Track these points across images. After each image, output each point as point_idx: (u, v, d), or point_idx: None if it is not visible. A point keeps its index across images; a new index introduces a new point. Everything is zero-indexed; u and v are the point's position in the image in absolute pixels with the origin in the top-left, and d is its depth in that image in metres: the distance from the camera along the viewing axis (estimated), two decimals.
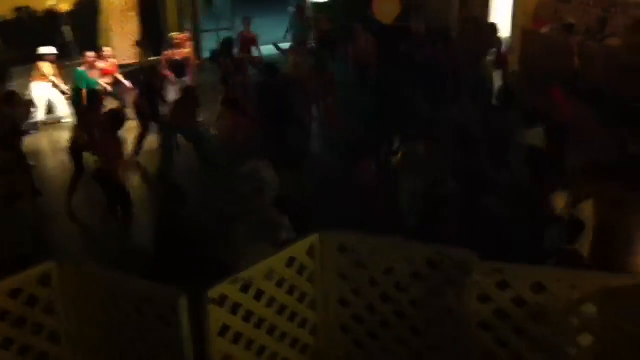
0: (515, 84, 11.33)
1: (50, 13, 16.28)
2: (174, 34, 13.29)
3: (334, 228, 4.26)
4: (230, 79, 10.83)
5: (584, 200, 5.25)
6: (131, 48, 15.42)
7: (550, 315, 3.69)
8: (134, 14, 15.96)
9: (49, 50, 12.18)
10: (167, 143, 9.96)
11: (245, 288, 3.88)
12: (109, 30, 15.81)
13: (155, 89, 10.84)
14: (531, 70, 12.53)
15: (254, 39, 13.85)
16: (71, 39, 15.44)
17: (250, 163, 7.17)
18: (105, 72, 12.30)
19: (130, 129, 8.98)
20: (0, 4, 15.51)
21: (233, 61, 11.93)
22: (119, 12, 15.91)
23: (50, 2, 16.19)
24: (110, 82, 12.29)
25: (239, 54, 13.18)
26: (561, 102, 8.40)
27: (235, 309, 3.86)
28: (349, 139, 8.39)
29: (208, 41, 17.65)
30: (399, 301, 4.08)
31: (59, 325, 4.22)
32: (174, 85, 11.89)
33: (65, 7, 15.95)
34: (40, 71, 12.09)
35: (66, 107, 12.29)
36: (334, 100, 10.63)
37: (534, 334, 3.77)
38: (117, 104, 11.84)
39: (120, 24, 15.90)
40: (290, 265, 4.07)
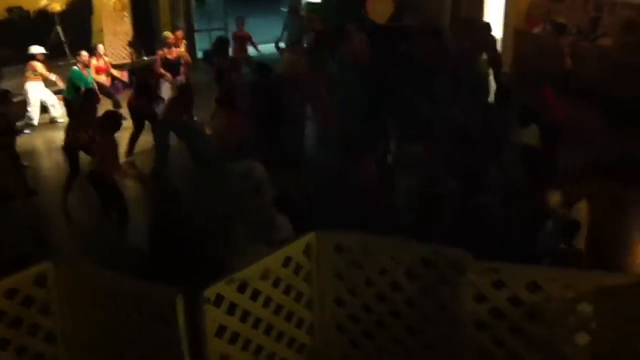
0: (509, 84, 11.35)
1: (43, 13, 16.22)
2: (167, 32, 13.25)
3: (332, 227, 4.26)
4: (224, 77, 10.79)
5: (579, 200, 5.28)
6: (124, 48, 15.36)
7: (546, 314, 3.72)
8: (126, 14, 15.89)
9: (39, 49, 12.12)
10: (162, 142, 9.93)
11: (242, 288, 3.88)
12: (102, 31, 15.75)
13: (151, 88, 10.81)
14: (523, 70, 12.55)
15: (248, 37, 13.85)
16: (64, 39, 15.38)
17: (244, 162, 7.19)
18: (99, 70, 12.29)
19: (124, 129, 8.92)
20: None
21: (227, 60, 11.92)
22: (112, 12, 15.84)
23: (43, 3, 16.11)
24: (104, 80, 12.27)
25: (233, 53, 13.17)
26: (553, 102, 8.42)
27: (231, 309, 3.86)
28: (346, 139, 8.36)
29: (201, 41, 17.61)
30: (394, 301, 4.10)
31: (55, 325, 4.21)
32: (170, 84, 11.86)
33: (57, 8, 15.87)
34: (34, 71, 12.04)
35: (60, 108, 12.24)
36: (331, 100, 10.61)
37: (530, 333, 3.79)
38: (111, 103, 11.83)
39: (112, 24, 15.82)
40: (286, 264, 4.08)
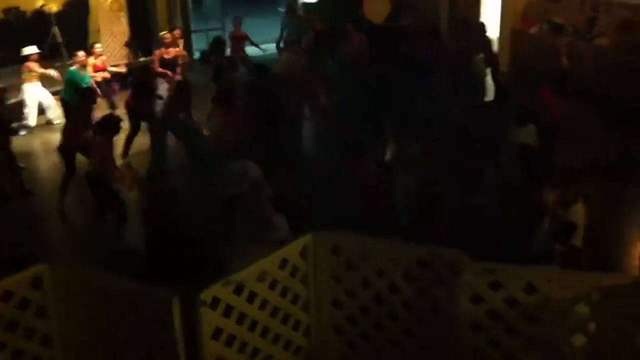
0: (507, 84, 11.35)
1: (39, 14, 16.17)
2: (164, 32, 13.22)
3: (331, 228, 4.25)
4: (222, 76, 10.78)
5: (576, 200, 5.28)
6: (121, 49, 15.33)
7: (543, 315, 3.71)
8: (123, 14, 15.84)
9: (32, 50, 12.07)
10: (159, 142, 9.90)
11: (238, 290, 3.87)
12: (99, 31, 15.71)
13: (149, 88, 10.78)
14: (520, 70, 12.56)
15: (245, 37, 13.84)
16: (60, 40, 15.35)
17: (238, 162, 7.18)
18: (96, 69, 12.25)
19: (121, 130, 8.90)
20: None
21: (225, 58, 11.91)
22: (108, 13, 15.78)
23: (39, 3, 16.07)
24: (101, 79, 12.23)
25: (231, 53, 13.15)
26: (550, 102, 8.43)
27: (228, 312, 3.85)
28: (345, 138, 8.33)
29: (198, 42, 17.59)
30: (391, 302, 4.09)
31: (51, 328, 4.19)
32: (168, 83, 11.81)
33: (54, 8, 15.83)
34: (31, 71, 11.98)
35: (56, 109, 12.20)
36: (330, 100, 10.60)
37: (526, 334, 3.79)
38: (107, 104, 11.81)
39: (109, 24, 15.77)
40: (283, 266, 4.06)
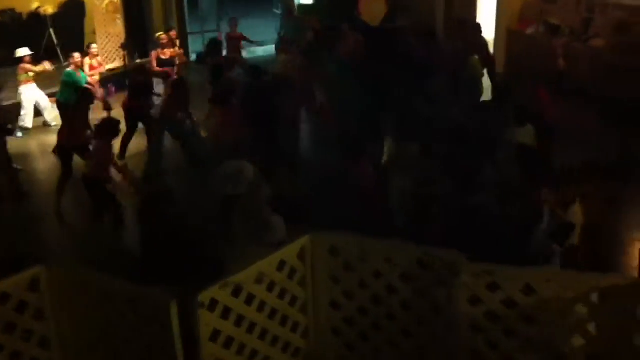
0: (506, 83, 11.35)
1: (35, 16, 16.15)
2: (160, 33, 13.21)
3: (329, 228, 4.25)
4: (219, 75, 10.78)
5: (575, 201, 5.29)
6: (117, 50, 15.32)
7: (541, 316, 3.72)
8: (119, 16, 15.84)
9: (25, 52, 12.04)
10: (157, 142, 9.88)
11: (236, 292, 3.86)
12: (94, 33, 15.70)
13: (146, 89, 10.77)
14: (516, 71, 12.58)
15: (241, 37, 13.85)
16: (56, 42, 15.34)
17: (233, 163, 7.17)
18: (93, 69, 12.24)
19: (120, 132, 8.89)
20: None
21: (222, 58, 11.91)
22: (104, 15, 15.77)
23: (35, 5, 16.04)
24: (98, 80, 12.22)
25: (227, 54, 13.14)
26: (547, 102, 8.44)
27: (226, 314, 3.85)
28: (344, 139, 8.31)
29: (194, 44, 17.58)
30: (389, 303, 4.09)
31: (49, 330, 4.18)
32: (166, 82, 11.76)
33: (49, 10, 15.82)
34: (26, 72, 11.95)
35: (52, 111, 12.18)
36: (328, 100, 10.59)
37: (524, 335, 3.79)
38: (102, 105, 11.79)
39: (105, 26, 15.76)
40: (280, 268, 4.06)
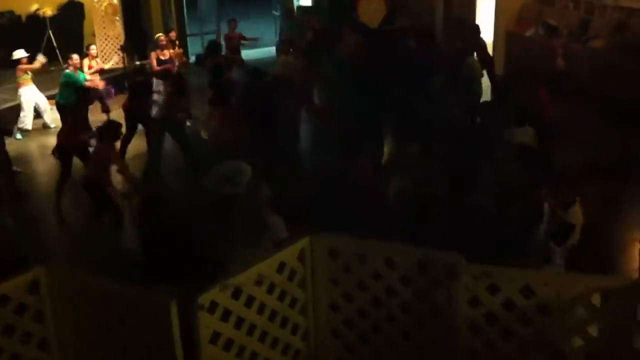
0: (506, 83, 11.37)
1: (34, 18, 16.16)
2: (159, 35, 13.20)
3: (329, 228, 4.24)
4: (219, 75, 10.77)
5: (575, 201, 5.29)
6: (116, 52, 15.33)
7: (541, 318, 3.72)
8: (118, 18, 15.85)
9: (22, 54, 12.03)
10: (157, 142, 9.86)
11: (236, 294, 3.86)
12: (94, 35, 15.71)
13: (146, 89, 10.76)
14: (515, 72, 12.59)
15: (240, 37, 13.85)
16: (55, 44, 15.35)
17: (231, 163, 7.17)
18: (92, 70, 12.22)
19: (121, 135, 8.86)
20: None
21: (221, 58, 11.91)
22: (103, 17, 15.79)
23: (34, 7, 16.05)
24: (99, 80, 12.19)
25: (227, 55, 13.13)
26: (546, 102, 8.44)
27: (225, 316, 3.84)
28: (342, 139, 8.30)
29: (193, 45, 17.59)
30: (388, 305, 4.09)
31: (49, 332, 4.18)
32: (166, 79, 11.71)
33: (49, 12, 15.82)
34: (25, 72, 11.92)
35: (52, 113, 12.17)
36: (328, 100, 10.60)
37: (524, 336, 3.79)
38: (101, 107, 11.78)
39: (104, 28, 15.79)
40: (280, 270, 4.06)
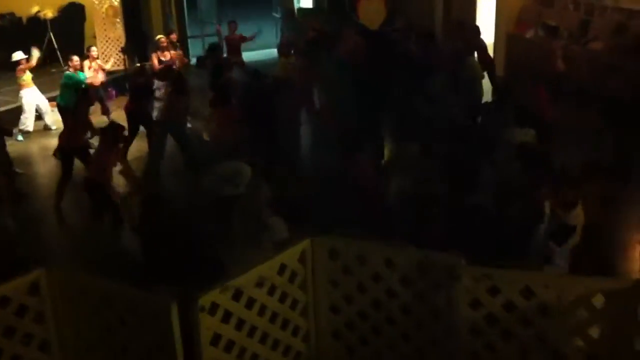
0: (507, 84, 11.38)
1: (35, 20, 16.18)
2: (160, 36, 13.22)
3: (329, 229, 4.24)
4: (219, 74, 10.77)
5: (577, 202, 5.29)
6: (117, 55, 15.35)
7: (541, 319, 3.72)
8: (118, 20, 15.87)
9: (21, 55, 12.03)
10: (158, 144, 9.87)
11: (237, 296, 3.86)
12: (94, 37, 15.74)
13: (147, 90, 10.77)
14: (516, 74, 12.59)
15: (240, 38, 13.86)
16: (56, 46, 15.37)
17: (231, 164, 7.17)
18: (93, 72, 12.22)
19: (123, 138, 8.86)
20: None
21: (221, 59, 11.93)
22: (104, 19, 15.81)
23: (35, 9, 16.06)
24: (99, 83, 12.20)
25: (227, 56, 13.14)
26: (546, 102, 8.45)
27: (226, 317, 3.84)
28: (342, 139, 8.28)
29: (193, 47, 17.60)
30: (389, 307, 4.09)
31: (49, 333, 4.18)
32: (167, 81, 11.71)
33: (49, 14, 15.84)
34: (25, 71, 11.92)
35: (53, 115, 12.18)
36: (327, 100, 10.59)
37: (524, 338, 3.80)
38: (101, 109, 11.78)
39: (105, 30, 15.83)
40: (281, 272, 4.06)
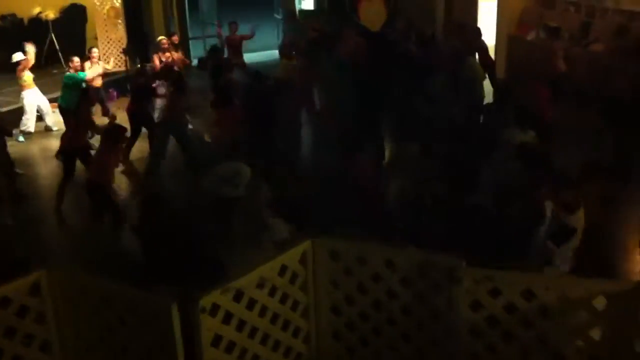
0: (507, 85, 11.38)
1: (37, 21, 16.20)
2: (162, 37, 13.24)
3: (329, 229, 4.24)
4: (219, 74, 10.78)
5: (580, 206, 5.29)
6: (118, 56, 15.37)
7: (542, 321, 3.73)
8: (120, 21, 15.90)
9: (20, 56, 12.04)
10: (160, 145, 9.88)
11: (238, 297, 3.86)
12: (96, 38, 15.76)
13: (148, 91, 10.78)
14: (518, 76, 12.60)
15: (240, 38, 13.87)
16: (57, 47, 15.39)
17: (230, 164, 7.17)
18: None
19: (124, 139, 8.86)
20: None
21: (222, 61, 11.96)
22: (106, 20, 15.85)
23: (36, 10, 16.09)
24: (98, 84, 12.20)
25: (228, 58, 13.16)
26: (546, 100, 8.45)
27: (227, 318, 3.85)
28: (342, 139, 8.29)
29: (195, 48, 17.61)
30: (389, 308, 4.09)
31: (50, 334, 4.18)
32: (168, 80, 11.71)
33: (51, 15, 15.86)
34: (25, 70, 11.92)
35: (54, 116, 12.19)
36: (327, 99, 10.60)
37: (525, 339, 3.80)
38: (101, 110, 11.79)
39: (106, 31, 15.86)
40: (282, 273, 4.07)
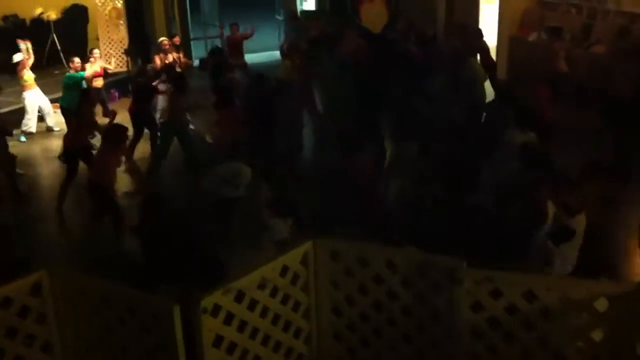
0: (508, 85, 11.39)
1: (38, 21, 16.22)
2: (163, 38, 13.26)
3: (329, 229, 4.24)
4: (219, 74, 10.78)
5: (581, 208, 5.29)
6: (119, 56, 15.39)
7: (543, 322, 3.73)
8: (121, 22, 15.92)
9: (21, 57, 12.04)
10: (163, 145, 9.89)
11: (239, 298, 3.86)
12: (97, 39, 15.78)
13: (150, 92, 10.78)
14: (519, 77, 12.60)
15: (241, 38, 13.86)
16: (59, 47, 15.41)
17: (230, 164, 7.18)
18: (95, 74, 12.22)
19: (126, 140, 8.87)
20: None
21: (222, 62, 11.99)
22: (107, 20, 15.88)
23: (38, 11, 16.11)
24: (99, 85, 12.21)
25: (229, 58, 13.17)
26: (546, 100, 8.46)
27: (228, 319, 3.85)
28: (342, 139, 8.30)
29: (196, 49, 17.62)
30: (390, 309, 4.10)
31: (51, 334, 4.19)
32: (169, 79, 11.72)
33: (53, 16, 15.88)
34: (24, 69, 11.93)
35: (55, 116, 12.20)
36: (328, 99, 10.62)
37: (526, 340, 3.80)
38: (102, 111, 11.81)
39: (108, 32, 15.88)
40: (283, 274, 4.07)
